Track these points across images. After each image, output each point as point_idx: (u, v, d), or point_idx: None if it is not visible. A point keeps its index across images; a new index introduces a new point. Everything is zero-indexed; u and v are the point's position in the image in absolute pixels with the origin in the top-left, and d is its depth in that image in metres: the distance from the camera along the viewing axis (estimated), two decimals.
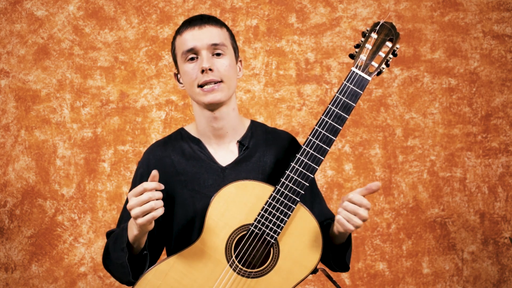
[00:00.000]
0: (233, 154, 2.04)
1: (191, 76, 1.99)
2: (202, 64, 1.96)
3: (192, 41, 1.98)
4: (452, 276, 3.26)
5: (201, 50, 1.98)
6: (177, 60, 2.05)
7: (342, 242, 1.99)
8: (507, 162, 3.27)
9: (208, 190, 1.97)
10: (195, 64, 1.98)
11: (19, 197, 3.19)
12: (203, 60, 1.96)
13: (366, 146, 3.26)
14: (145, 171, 2.04)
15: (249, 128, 2.09)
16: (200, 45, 1.98)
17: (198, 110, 2.03)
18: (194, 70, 1.98)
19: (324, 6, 3.27)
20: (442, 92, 3.28)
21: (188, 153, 2.04)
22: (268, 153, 2.05)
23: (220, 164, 2.02)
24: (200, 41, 1.98)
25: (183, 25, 2.03)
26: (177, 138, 2.08)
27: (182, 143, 2.06)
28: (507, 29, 3.28)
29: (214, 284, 1.87)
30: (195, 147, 2.04)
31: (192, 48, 1.98)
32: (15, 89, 3.21)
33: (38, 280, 3.18)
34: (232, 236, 1.88)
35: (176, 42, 2.04)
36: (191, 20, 2.03)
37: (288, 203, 1.87)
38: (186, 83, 2.01)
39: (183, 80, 2.03)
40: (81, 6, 3.22)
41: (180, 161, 2.03)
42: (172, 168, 2.02)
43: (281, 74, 3.26)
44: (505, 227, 3.26)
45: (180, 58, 2.01)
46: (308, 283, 3.22)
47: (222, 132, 2.04)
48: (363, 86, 1.87)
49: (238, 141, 2.05)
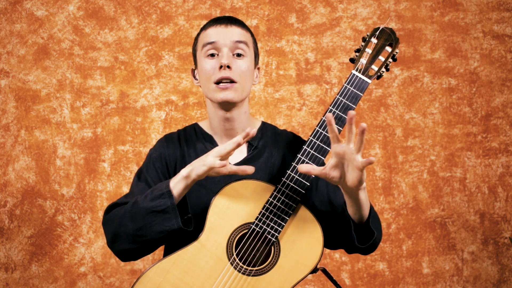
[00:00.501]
0: (242, 153, 2.07)
1: (208, 72, 2.00)
2: (221, 60, 1.98)
3: (215, 36, 2.01)
4: (452, 276, 3.26)
5: (223, 48, 2.00)
6: (196, 55, 2.07)
7: (365, 215, 1.90)
8: (507, 162, 3.28)
9: (214, 186, 1.99)
10: (214, 61, 2.00)
11: (19, 197, 3.19)
12: (223, 57, 1.98)
13: (366, 146, 3.27)
14: (158, 156, 2.06)
15: (259, 129, 2.12)
16: (222, 41, 2.00)
17: (211, 108, 2.06)
18: (213, 66, 2.00)
19: (324, 6, 3.27)
20: (442, 92, 3.28)
21: (199, 148, 2.07)
22: (276, 154, 2.07)
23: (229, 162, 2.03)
24: (223, 37, 2.00)
25: (210, 22, 2.05)
26: (191, 133, 2.12)
27: (195, 138, 2.10)
28: (507, 29, 3.29)
29: (215, 282, 1.87)
30: (207, 144, 2.08)
31: (214, 42, 2.00)
32: (15, 89, 3.21)
33: (38, 280, 3.18)
34: (234, 234, 1.88)
35: (199, 37, 2.07)
36: (218, 18, 2.06)
37: (289, 202, 1.88)
38: (202, 79, 2.03)
39: (200, 76, 2.05)
40: (81, 6, 3.22)
41: (191, 155, 2.06)
42: (182, 161, 2.05)
43: (281, 74, 3.26)
44: (505, 227, 3.27)
45: (200, 51, 2.03)
46: (308, 283, 3.22)
47: (233, 132, 2.07)
48: (363, 89, 1.91)
49: (248, 141, 2.06)
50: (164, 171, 2.05)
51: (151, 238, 1.87)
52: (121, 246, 1.93)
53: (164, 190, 1.86)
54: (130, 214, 1.89)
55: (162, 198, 1.85)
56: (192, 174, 1.84)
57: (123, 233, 1.91)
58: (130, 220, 1.89)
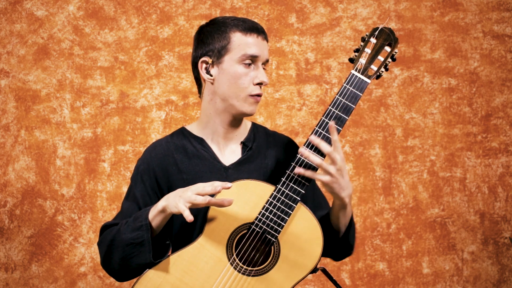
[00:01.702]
0: (236, 154, 2.05)
1: (243, 82, 1.97)
2: (263, 78, 1.98)
3: (258, 49, 1.98)
4: (452, 276, 3.26)
5: (260, 62, 1.99)
6: (225, 53, 1.99)
7: (345, 224, 1.99)
8: (507, 162, 3.28)
9: None
10: (249, 71, 1.98)
11: (19, 197, 3.19)
12: (263, 74, 1.98)
13: (366, 146, 3.27)
14: (146, 169, 2.03)
15: (251, 130, 2.10)
16: (262, 57, 1.99)
17: (218, 109, 2.02)
18: (248, 77, 1.98)
19: (324, 6, 3.27)
20: (442, 92, 3.28)
21: (191, 151, 2.04)
22: (269, 156, 2.06)
23: (223, 164, 2.02)
24: (263, 53, 1.99)
25: (249, 27, 1.99)
26: (179, 137, 2.07)
27: (184, 142, 2.05)
28: (507, 29, 3.29)
29: (215, 282, 1.87)
30: (198, 146, 2.04)
31: (257, 56, 1.97)
32: (15, 89, 3.21)
33: (38, 280, 3.18)
34: (233, 235, 1.88)
35: (234, 37, 1.98)
36: (254, 24, 2.00)
37: (289, 203, 1.88)
38: (232, 84, 1.98)
39: (226, 79, 1.99)
40: (81, 6, 3.22)
41: (182, 159, 2.03)
42: (174, 167, 2.02)
43: (281, 74, 3.26)
44: (505, 227, 3.27)
45: (237, 56, 1.97)
46: (308, 283, 3.22)
47: (232, 135, 2.05)
48: (363, 89, 1.91)
49: (242, 142, 2.06)
50: (153, 183, 2.02)
51: (136, 267, 1.91)
52: (111, 270, 1.98)
53: (143, 222, 1.88)
54: (115, 242, 1.93)
55: (141, 231, 1.88)
56: (167, 209, 1.86)
57: (111, 259, 1.95)
58: (115, 249, 1.93)
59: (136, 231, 1.89)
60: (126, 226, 1.91)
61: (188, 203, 1.81)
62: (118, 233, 1.92)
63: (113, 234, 1.94)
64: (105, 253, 1.96)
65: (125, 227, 1.91)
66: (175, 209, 1.83)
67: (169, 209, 1.85)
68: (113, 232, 1.95)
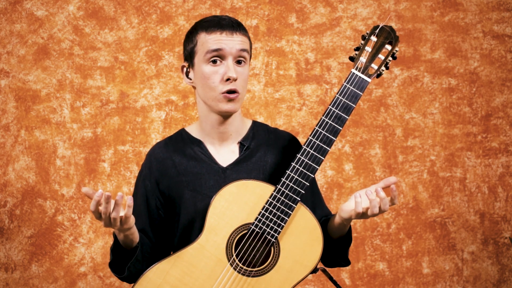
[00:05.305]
0: (234, 154, 2.05)
1: (212, 81, 1.97)
2: (229, 73, 1.95)
3: (220, 44, 1.96)
4: (452, 276, 3.26)
5: (228, 56, 1.96)
6: (194, 56, 2.02)
7: (341, 236, 2.00)
8: (507, 162, 3.28)
9: (209, 191, 1.98)
10: (218, 68, 1.97)
11: (19, 197, 3.19)
12: (229, 69, 1.96)
13: (366, 146, 3.27)
14: (148, 174, 2.05)
15: (250, 129, 2.09)
16: (228, 51, 1.96)
17: (205, 111, 2.03)
18: (217, 75, 1.97)
19: (324, 6, 3.27)
20: (442, 92, 3.28)
21: (189, 154, 2.04)
22: (269, 153, 2.05)
23: (221, 165, 2.02)
24: (229, 47, 1.96)
25: (213, 24, 1.99)
26: (178, 140, 2.08)
27: (183, 145, 2.06)
28: (507, 29, 3.28)
29: (214, 283, 1.87)
30: (196, 149, 2.04)
31: (219, 49, 1.96)
32: (15, 89, 3.21)
33: (38, 280, 3.18)
34: (233, 235, 1.88)
35: (199, 37, 2.01)
36: (221, 22, 1.99)
37: (288, 203, 1.87)
38: (204, 85, 1.99)
39: (199, 80, 2.01)
40: (81, 6, 3.22)
41: (181, 162, 2.03)
42: (174, 169, 2.03)
43: (281, 74, 3.26)
44: (505, 227, 3.27)
45: (202, 56, 1.99)
46: (308, 283, 3.23)
47: (226, 135, 2.04)
48: (363, 88, 1.89)
49: (239, 141, 2.05)
50: (154, 188, 2.04)
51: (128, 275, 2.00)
52: (123, 279, 2.05)
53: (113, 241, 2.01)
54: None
55: (114, 242, 2.00)
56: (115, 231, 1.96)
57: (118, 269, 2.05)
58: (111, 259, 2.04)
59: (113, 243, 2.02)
60: (114, 237, 2.02)
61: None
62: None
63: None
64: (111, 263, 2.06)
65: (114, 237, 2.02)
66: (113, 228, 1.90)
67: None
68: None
